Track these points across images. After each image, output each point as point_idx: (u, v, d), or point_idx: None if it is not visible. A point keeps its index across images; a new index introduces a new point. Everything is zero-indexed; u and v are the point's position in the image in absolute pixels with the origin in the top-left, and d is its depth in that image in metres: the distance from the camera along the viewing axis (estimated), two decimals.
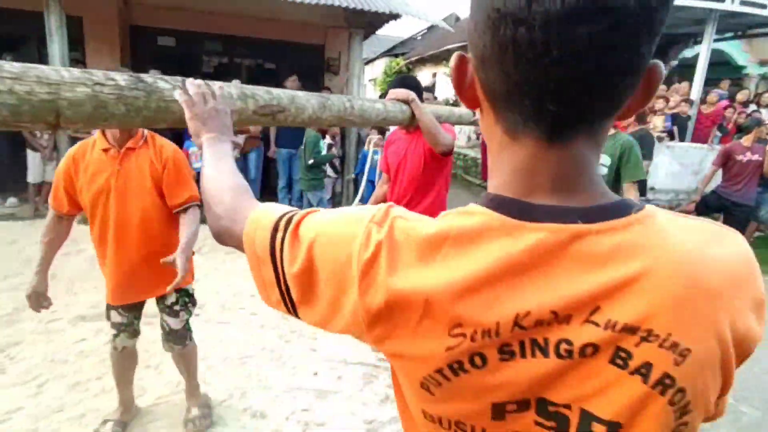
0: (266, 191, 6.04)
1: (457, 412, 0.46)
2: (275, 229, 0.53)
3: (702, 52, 6.72)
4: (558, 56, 0.37)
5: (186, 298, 2.03)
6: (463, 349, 0.43)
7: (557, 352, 0.42)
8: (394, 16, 6.06)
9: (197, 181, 4.38)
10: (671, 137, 6.57)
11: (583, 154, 0.44)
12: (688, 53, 8.73)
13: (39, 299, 1.86)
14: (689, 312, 0.40)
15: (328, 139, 5.31)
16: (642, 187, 2.81)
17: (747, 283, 0.43)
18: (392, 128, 4.51)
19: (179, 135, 5.07)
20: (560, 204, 0.43)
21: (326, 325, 0.51)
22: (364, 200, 4.34)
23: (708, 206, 4.95)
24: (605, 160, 2.74)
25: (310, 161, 4.99)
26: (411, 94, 1.77)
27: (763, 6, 6.41)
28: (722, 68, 9.36)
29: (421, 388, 0.46)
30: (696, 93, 6.89)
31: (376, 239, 0.46)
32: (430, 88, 4.14)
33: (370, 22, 6.38)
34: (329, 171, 5.44)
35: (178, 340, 2.07)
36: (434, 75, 15.17)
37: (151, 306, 2.07)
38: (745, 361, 0.48)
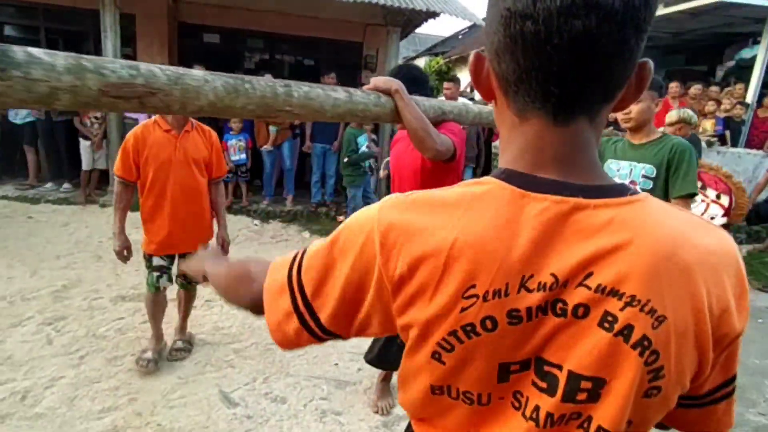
0: (300, 185, 6.17)
1: (467, 379, 0.51)
2: (292, 262, 0.60)
3: (760, 53, 6.31)
4: (558, 44, 0.44)
5: None
6: (476, 311, 0.48)
7: (554, 311, 0.47)
8: (433, 14, 6.04)
9: (233, 172, 4.58)
10: (722, 142, 6.22)
11: (584, 136, 0.49)
12: (747, 54, 8.22)
13: (123, 252, 2.41)
14: (665, 282, 0.45)
15: (371, 135, 5.31)
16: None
17: (726, 271, 0.48)
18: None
19: (219, 129, 5.28)
20: (562, 179, 0.48)
21: (353, 316, 0.56)
22: None
23: (759, 216, 4.66)
24: (649, 170, 2.21)
25: (345, 159, 5.04)
26: (394, 84, 1.40)
27: None
28: None
29: (432, 359, 0.51)
30: (752, 96, 6.48)
31: (389, 214, 0.52)
32: (455, 78, 3.84)
33: (409, 19, 6.39)
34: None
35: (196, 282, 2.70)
36: None
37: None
38: (728, 351, 0.50)
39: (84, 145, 5.30)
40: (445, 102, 1.71)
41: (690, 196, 2.17)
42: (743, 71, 7.54)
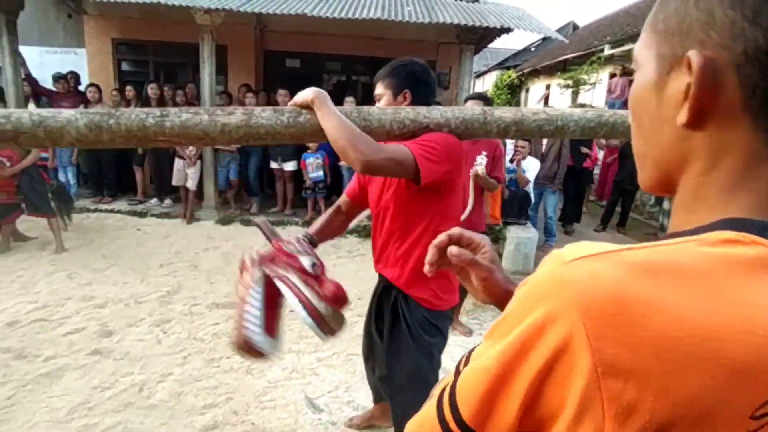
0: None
1: None
2: (441, 393, 0.43)
3: None
4: None
5: None
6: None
7: None
8: (507, 30, 6.02)
9: (311, 188, 4.91)
10: None
11: None
12: None
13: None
14: None
15: None
16: None
17: None
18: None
19: (302, 148, 5.66)
20: None
21: None
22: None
23: None
24: None
25: None
26: (310, 95, 1.22)
27: None
28: None
29: None
30: None
31: (605, 293, 0.33)
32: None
33: (482, 36, 6.42)
34: None
35: None
36: (548, 87, 14.56)
37: None
38: None
39: (177, 163, 5.85)
40: (428, 110, 1.36)
41: None
42: None
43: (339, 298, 1.12)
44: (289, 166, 5.94)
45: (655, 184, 0.44)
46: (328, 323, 1.09)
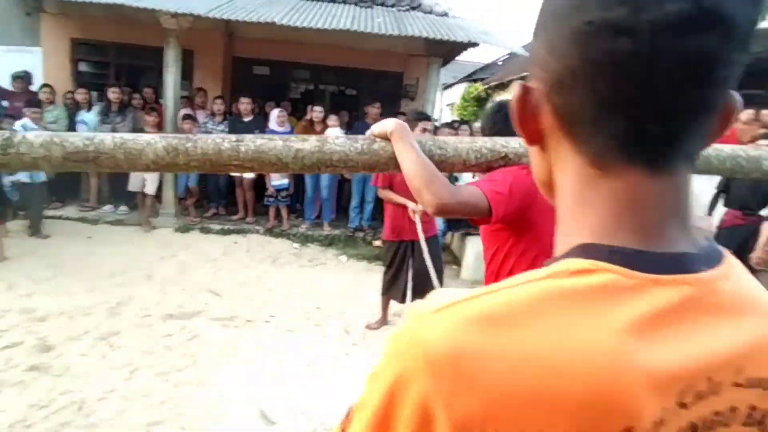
0: (339, 210, 6.30)
1: None
2: None
3: None
4: (665, 69, 0.34)
5: None
6: None
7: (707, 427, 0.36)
8: (473, 44, 6.15)
9: (274, 196, 4.84)
10: None
11: (687, 188, 0.39)
12: None
13: None
14: None
15: None
16: None
17: None
18: None
19: None
20: (681, 250, 0.37)
21: None
22: None
23: None
24: None
25: None
26: (390, 125, 1.20)
27: None
28: None
29: None
30: None
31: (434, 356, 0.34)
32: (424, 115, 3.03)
33: (450, 50, 6.54)
34: None
35: None
36: None
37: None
38: None
39: None
40: (501, 141, 1.28)
41: None
42: None
43: None
44: (249, 173, 5.83)
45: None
46: None
